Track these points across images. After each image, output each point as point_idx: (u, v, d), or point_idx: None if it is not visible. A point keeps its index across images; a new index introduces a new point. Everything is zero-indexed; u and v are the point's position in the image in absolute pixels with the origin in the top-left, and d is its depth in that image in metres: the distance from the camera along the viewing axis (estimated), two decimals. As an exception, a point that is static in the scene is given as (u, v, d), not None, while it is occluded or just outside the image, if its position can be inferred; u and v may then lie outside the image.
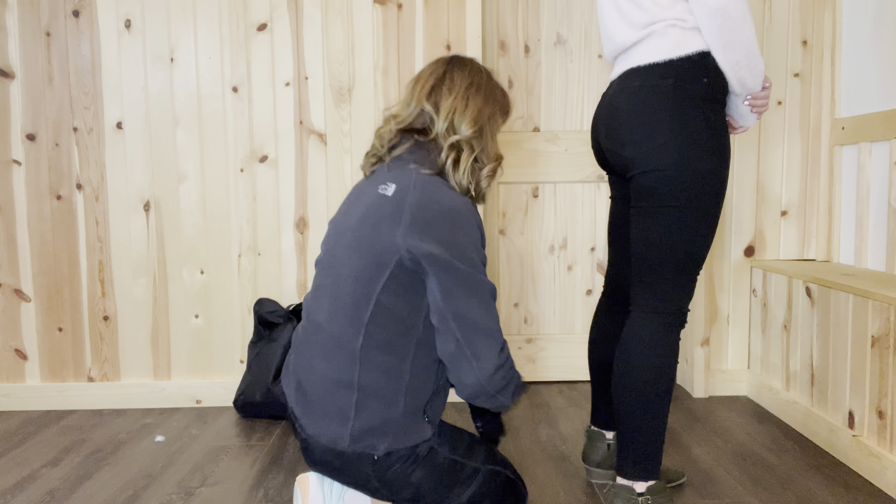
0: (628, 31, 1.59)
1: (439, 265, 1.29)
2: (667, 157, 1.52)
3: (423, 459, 1.40)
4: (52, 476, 1.95)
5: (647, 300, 1.61)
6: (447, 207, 1.31)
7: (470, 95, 1.42)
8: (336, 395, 1.36)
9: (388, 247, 1.30)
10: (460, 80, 1.43)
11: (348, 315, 1.34)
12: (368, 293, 1.32)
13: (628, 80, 1.59)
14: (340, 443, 1.37)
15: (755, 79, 1.55)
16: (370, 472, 1.39)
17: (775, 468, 1.96)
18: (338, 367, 1.36)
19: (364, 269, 1.33)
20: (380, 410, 1.35)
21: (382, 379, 1.35)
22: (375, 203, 1.35)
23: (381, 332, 1.33)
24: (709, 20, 1.48)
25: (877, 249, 2.26)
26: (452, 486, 1.44)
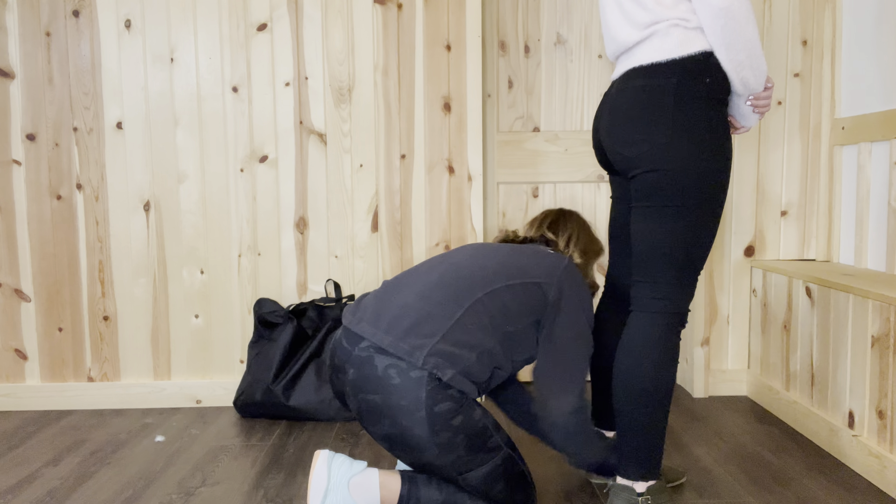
0: (631, 30, 1.59)
1: (571, 310, 1.64)
2: (668, 156, 1.52)
3: (465, 408, 1.51)
4: (52, 476, 1.95)
5: (648, 300, 1.61)
6: (584, 284, 1.72)
7: (580, 232, 1.84)
8: (434, 319, 1.53)
9: (548, 270, 1.65)
10: (572, 220, 1.86)
11: (476, 279, 1.59)
12: (508, 276, 1.61)
13: (630, 80, 1.59)
14: (417, 353, 1.48)
15: (758, 79, 1.55)
16: (424, 396, 1.46)
17: (775, 468, 1.96)
18: (448, 301, 1.55)
19: (515, 265, 1.63)
20: (459, 349, 1.52)
21: (472, 334, 1.54)
22: (538, 250, 1.72)
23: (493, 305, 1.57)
24: (712, 20, 1.48)
25: (877, 249, 2.26)
26: (479, 451, 1.53)
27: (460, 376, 1.50)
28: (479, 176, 2.50)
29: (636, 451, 1.62)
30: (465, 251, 1.69)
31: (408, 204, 2.51)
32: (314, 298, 2.52)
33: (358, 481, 1.53)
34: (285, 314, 2.43)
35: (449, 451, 1.50)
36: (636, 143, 1.56)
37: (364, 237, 2.52)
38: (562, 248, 1.80)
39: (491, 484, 1.54)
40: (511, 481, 1.57)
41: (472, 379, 1.53)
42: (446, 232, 2.52)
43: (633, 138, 1.56)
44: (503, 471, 1.55)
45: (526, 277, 1.61)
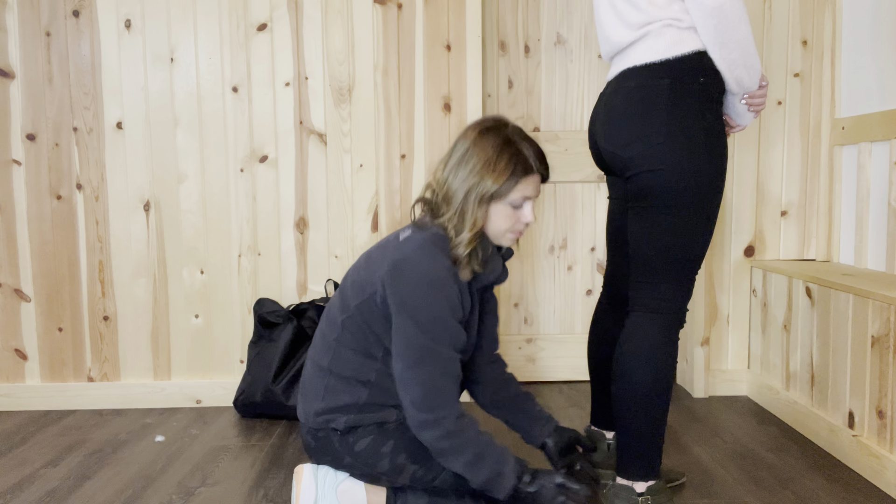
0: (624, 31, 1.59)
1: (400, 314, 1.43)
2: (663, 157, 1.52)
3: (392, 432, 1.51)
4: (52, 476, 1.95)
5: (646, 300, 1.61)
6: (426, 272, 1.43)
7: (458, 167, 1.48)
8: (314, 378, 1.56)
9: (373, 278, 1.48)
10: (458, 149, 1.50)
11: (334, 315, 1.55)
12: (349, 303, 1.52)
13: (625, 80, 1.59)
14: (309, 419, 1.55)
15: (752, 78, 1.55)
16: (339, 447, 1.52)
17: (775, 468, 1.96)
18: (319, 353, 1.56)
19: (354, 285, 1.53)
20: (344, 395, 1.52)
21: (348, 371, 1.52)
22: (389, 241, 1.54)
23: (351, 335, 1.51)
24: (705, 19, 1.48)
25: (877, 249, 2.26)
26: (430, 459, 1.50)
27: (361, 414, 1.50)
28: (479, 176, 2.49)
29: (636, 451, 1.62)
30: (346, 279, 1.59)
31: (408, 204, 2.51)
32: (314, 298, 2.52)
33: (345, 488, 1.56)
34: (285, 314, 2.43)
35: (399, 472, 1.51)
36: (631, 143, 1.56)
37: (364, 237, 2.52)
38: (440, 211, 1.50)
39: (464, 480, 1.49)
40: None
41: (381, 407, 1.51)
42: (446, 232, 2.52)
43: (629, 139, 1.56)
44: None
45: (362, 293, 1.48)
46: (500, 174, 1.44)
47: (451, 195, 1.47)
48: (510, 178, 1.44)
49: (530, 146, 1.49)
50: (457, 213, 1.46)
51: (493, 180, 1.44)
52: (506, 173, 1.44)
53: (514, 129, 1.50)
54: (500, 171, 1.44)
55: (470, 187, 1.45)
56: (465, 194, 1.45)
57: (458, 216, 1.46)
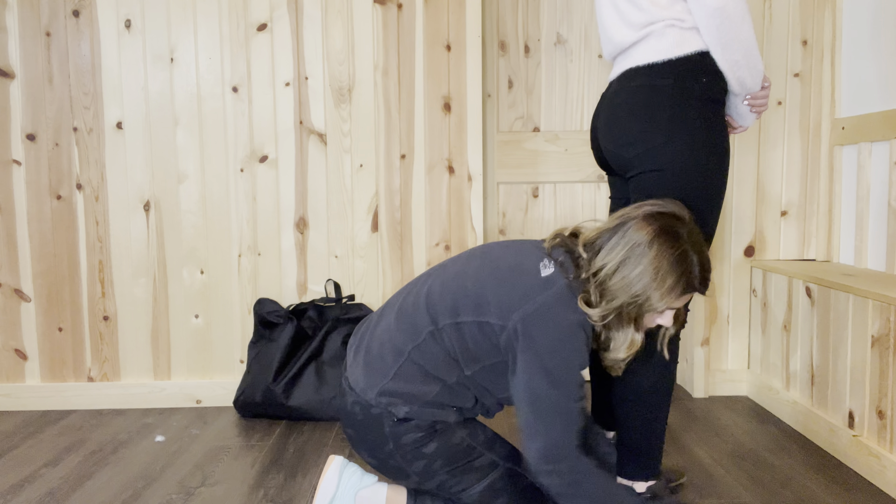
0: (627, 31, 1.59)
1: (529, 366, 1.35)
2: (666, 157, 1.52)
3: (438, 434, 1.45)
4: (52, 476, 1.95)
5: (647, 300, 1.61)
6: (566, 325, 1.35)
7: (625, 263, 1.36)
8: (386, 354, 1.46)
9: (504, 311, 1.37)
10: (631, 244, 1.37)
11: (435, 311, 1.43)
12: (459, 313, 1.41)
13: (627, 80, 1.59)
14: (369, 394, 1.45)
15: (754, 78, 1.54)
16: (388, 432, 1.45)
17: (775, 468, 1.96)
18: (401, 335, 1.45)
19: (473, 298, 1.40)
20: (413, 384, 1.43)
21: (429, 365, 1.43)
22: (528, 269, 1.41)
23: (448, 339, 1.42)
24: (707, 20, 1.48)
25: (877, 249, 2.26)
26: (464, 472, 1.47)
27: (423, 408, 1.44)
28: (479, 176, 2.50)
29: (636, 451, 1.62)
30: (458, 264, 1.50)
31: (408, 204, 2.51)
32: (314, 298, 2.52)
33: (365, 495, 1.53)
34: (285, 314, 2.43)
35: (429, 476, 1.48)
36: (633, 143, 1.56)
37: (364, 237, 2.52)
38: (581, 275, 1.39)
39: (490, 500, 1.48)
40: (516, 495, 1.49)
41: (443, 406, 1.45)
42: (446, 232, 2.52)
43: (631, 139, 1.56)
44: (503, 486, 1.48)
45: (480, 314, 1.39)
46: (666, 294, 1.35)
47: (608, 289, 1.36)
48: (671, 295, 1.36)
49: (699, 262, 1.38)
50: (613, 315, 1.37)
51: (658, 299, 1.35)
52: (671, 290, 1.35)
53: (691, 234, 1.39)
54: (666, 291, 1.35)
55: (633, 297, 1.35)
56: (626, 302, 1.35)
57: (615, 318, 1.38)
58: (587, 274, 1.37)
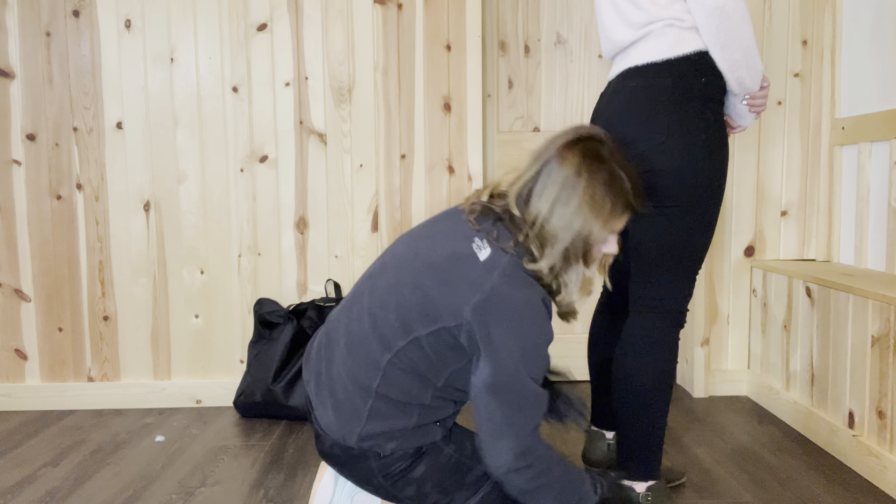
0: (626, 30, 1.59)
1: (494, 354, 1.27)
2: (664, 157, 1.52)
3: (426, 456, 1.40)
4: (52, 476, 1.95)
5: (646, 300, 1.61)
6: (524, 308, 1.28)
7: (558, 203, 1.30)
8: (352, 396, 1.37)
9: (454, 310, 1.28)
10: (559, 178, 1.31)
11: (385, 334, 1.34)
12: (410, 329, 1.31)
13: (626, 80, 1.59)
14: (348, 440, 1.37)
15: (753, 78, 1.54)
16: (375, 466, 1.39)
17: (775, 468, 1.96)
18: (360, 370, 1.36)
19: (418, 306, 1.31)
20: (391, 420, 1.36)
21: (400, 395, 1.35)
22: (464, 256, 1.32)
23: (410, 359, 1.33)
24: (706, 19, 1.48)
25: (877, 249, 2.26)
26: (456, 489, 1.42)
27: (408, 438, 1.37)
28: (479, 176, 2.50)
29: (636, 451, 1.62)
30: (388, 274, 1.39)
31: (408, 204, 2.51)
32: (314, 298, 2.52)
33: (362, 499, 1.51)
34: (285, 314, 2.43)
35: (421, 499, 1.42)
36: (632, 143, 1.55)
37: (364, 237, 2.52)
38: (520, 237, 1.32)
39: None
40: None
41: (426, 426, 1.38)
42: (446, 232, 2.52)
43: (630, 138, 1.56)
44: (497, 497, 1.42)
45: (433, 322, 1.30)
46: (608, 220, 1.31)
47: (548, 234, 1.30)
48: (612, 219, 1.32)
49: (629, 177, 1.34)
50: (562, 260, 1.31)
51: (601, 227, 1.30)
52: (610, 214, 1.31)
53: (613, 154, 1.35)
54: (607, 216, 1.30)
55: (576, 233, 1.30)
56: (571, 240, 1.30)
57: (564, 264, 1.31)
58: (525, 230, 1.31)
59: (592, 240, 1.32)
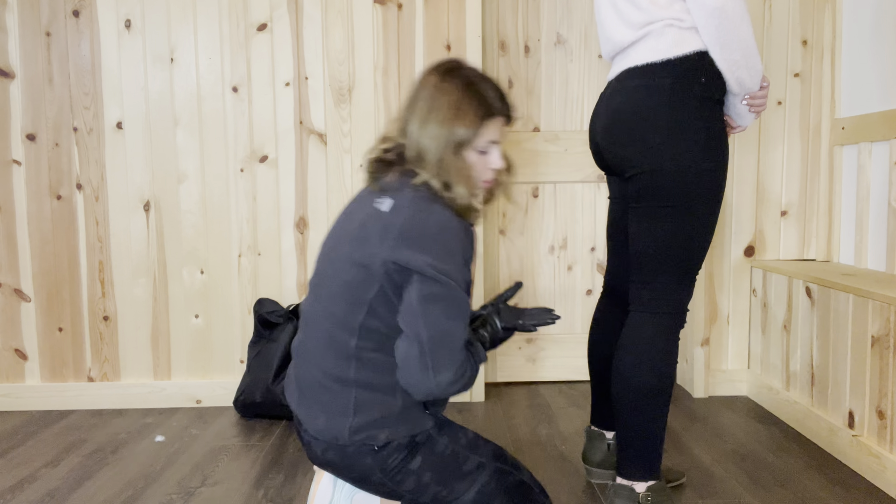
0: (626, 30, 1.59)
1: (420, 275, 1.32)
2: (664, 157, 1.52)
3: (421, 447, 1.42)
4: (52, 476, 1.95)
5: (646, 300, 1.61)
6: (434, 224, 1.35)
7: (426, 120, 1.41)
8: (335, 393, 1.40)
9: (377, 259, 1.35)
10: (422, 99, 1.43)
11: (343, 318, 1.39)
12: (361, 299, 1.37)
13: (626, 80, 1.59)
14: (341, 438, 1.39)
15: (753, 78, 1.54)
16: (372, 462, 1.40)
17: (775, 468, 1.96)
18: (335, 365, 1.40)
19: (356, 277, 1.37)
20: (378, 406, 1.38)
21: (378, 376, 1.38)
22: (371, 217, 1.40)
23: (375, 334, 1.37)
24: (706, 20, 1.48)
25: (877, 249, 2.26)
26: (455, 480, 1.43)
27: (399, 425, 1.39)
28: (479, 176, 2.49)
29: (636, 451, 1.62)
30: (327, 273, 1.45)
31: (408, 204, 2.51)
32: (314, 298, 2.52)
33: (361, 499, 1.52)
34: (285, 314, 2.43)
35: (421, 492, 1.44)
36: (632, 143, 1.56)
37: (364, 237, 2.52)
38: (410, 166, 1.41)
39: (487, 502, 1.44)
40: (510, 493, 1.46)
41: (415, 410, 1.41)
42: (446, 232, 2.52)
43: (629, 138, 1.56)
44: (495, 486, 1.45)
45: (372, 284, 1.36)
46: (468, 118, 1.39)
47: (424, 151, 1.40)
48: (476, 122, 1.39)
49: (491, 87, 1.43)
50: (439, 168, 1.39)
51: (463, 126, 1.39)
52: (472, 116, 1.39)
53: (472, 69, 1.45)
54: (467, 116, 1.39)
55: (443, 139, 1.39)
56: (441, 147, 1.39)
57: (442, 170, 1.39)
58: (410, 157, 1.40)
59: (462, 145, 1.40)
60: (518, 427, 2.30)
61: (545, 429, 2.29)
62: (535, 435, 2.23)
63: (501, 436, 2.23)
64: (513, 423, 2.34)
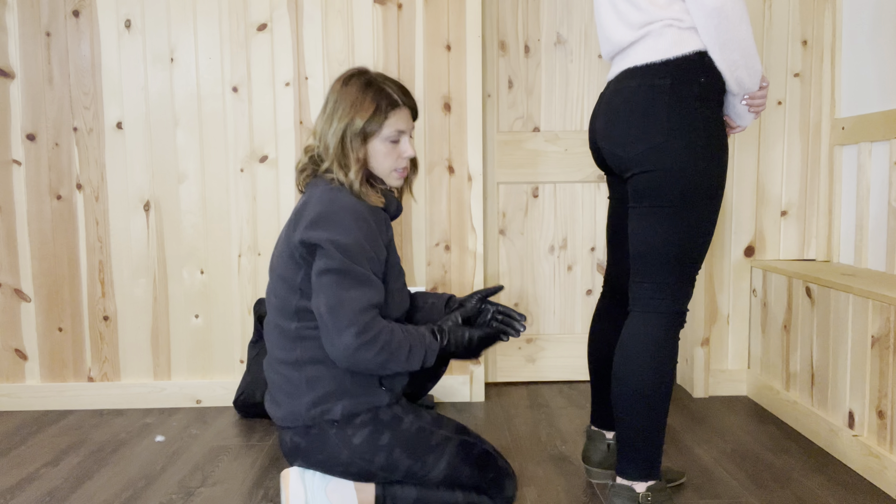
0: (625, 30, 1.59)
1: (321, 251, 1.45)
2: (664, 157, 1.52)
3: (388, 424, 1.51)
4: (52, 476, 1.95)
5: (646, 300, 1.61)
6: (336, 208, 1.47)
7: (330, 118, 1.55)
8: (289, 377, 1.52)
9: (295, 244, 1.50)
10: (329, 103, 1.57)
11: (283, 306, 1.53)
12: (293, 285, 1.51)
13: (626, 80, 1.59)
14: (300, 417, 1.51)
15: (752, 78, 1.55)
16: (336, 440, 1.50)
17: (775, 468, 1.96)
18: (284, 351, 1.53)
19: (287, 266, 1.52)
20: (329, 379, 1.50)
21: (324, 352, 1.49)
22: (294, 214, 1.56)
23: (310, 314, 1.50)
24: (705, 20, 1.48)
25: (877, 249, 2.26)
26: (425, 453, 1.52)
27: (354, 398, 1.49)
28: (479, 176, 2.50)
29: (636, 451, 1.62)
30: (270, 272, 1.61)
31: (408, 204, 2.51)
32: (314, 298, 2.52)
33: (334, 487, 1.56)
34: (285, 314, 2.42)
35: (393, 467, 1.52)
36: (631, 143, 1.56)
37: (364, 237, 2.52)
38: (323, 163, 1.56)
39: (456, 475, 1.54)
40: (477, 464, 1.56)
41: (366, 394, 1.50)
42: (446, 232, 2.52)
43: (629, 139, 1.56)
44: (462, 458, 1.55)
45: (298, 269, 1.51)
46: (367, 110, 1.51)
47: (329, 144, 1.53)
48: (377, 113, 1.51)
49: (393, 84, 1.56)
50: (339, 156, 1.52)
51: (362, 117, 1.51)
52: (372, 108, 1.51)
53: (376, 73, 1.58)
54: (366, 108, 1.51)
55: (344, 130, 1.51)
56: (341, 137, 1.51)
57: (342, 157, 1.51)
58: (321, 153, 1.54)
59: (368, 135, 1.52)
60: (518, 427, 2.30)
61: (545, 429, 2.29)
62: (535, 435, 2.23)
63: (501, 436, 2.23)
64: (513, 423, 2.34)
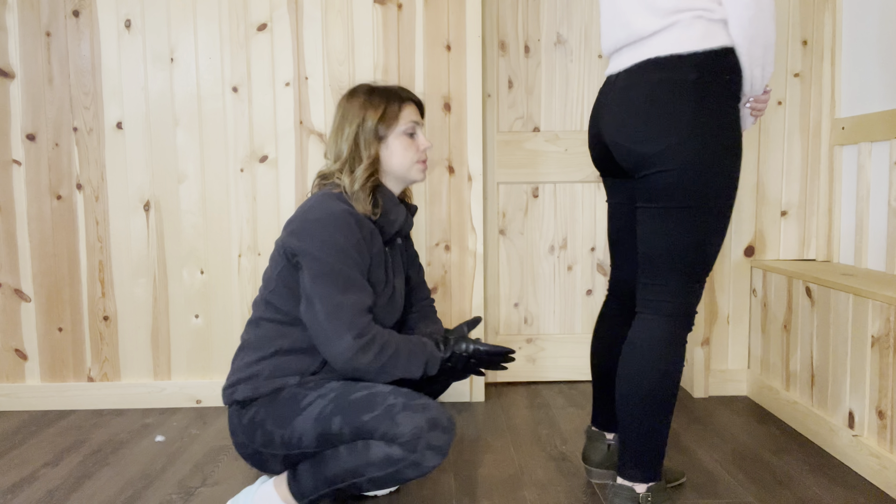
0: (650, 17, 1.51)
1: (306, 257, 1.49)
2: (684, 155, 1.47)
3: (267, 397, 1.56)
4: (52, 476, 1.95)
5: (655, 302, 1.58)
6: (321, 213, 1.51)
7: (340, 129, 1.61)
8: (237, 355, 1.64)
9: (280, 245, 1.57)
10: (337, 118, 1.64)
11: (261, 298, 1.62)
12: (272, 275, 1.59)
13: (645, 73, 1.52)
14: (223, 398, 1.61)
15: (764, 78, 1.52)
16: (236, 421, 1.57)
17: (775, 468, 1.96)
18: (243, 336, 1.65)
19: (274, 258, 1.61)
20: (248, 360, 1.58)
21: (262, 336, 1.58)
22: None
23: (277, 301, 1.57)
24: (742, 10, 1.43)
25: (877, 249, 2.26)
26: (292, 416, 1.50)
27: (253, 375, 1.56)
28: (479, 176, 2.50)
29: (638, 453, 1.61)
30: None
31: (408, 204, 2.51)
32: (314, 298, 2.52)
33: (260, 492, 1.59)
34: (285, 314, 2.43)
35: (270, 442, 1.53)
36: (651, 140, 1.49)
37: (364, 237, 2.52)
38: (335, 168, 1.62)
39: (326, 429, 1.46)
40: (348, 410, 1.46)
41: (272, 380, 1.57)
42: (446, 232, 2.52)
43: (649, 135, 1.50)
44: (334, 407, 1.47)
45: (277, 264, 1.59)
46: (378, 109, 1.57)
47: (342, 150, 1.58)
48: (389, 109, 1.58)
49: (394, 86, 1.64)
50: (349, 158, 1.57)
51: (373, 117, 1.56)
52: (382, 107, 1.57)
53: (374, 83, 1.66)
54: (376, 108, 1.57)
55: (356, 132, 1.57)
56: (354, 138, 1.57)
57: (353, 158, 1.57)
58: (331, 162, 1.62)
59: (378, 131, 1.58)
60: (518, 427, 2.30)
61: (545, 429, 2.29)
62: (535, 435, 2.23)
63: (501, 436, 2.23)
64: (513, 424, 2.34)
